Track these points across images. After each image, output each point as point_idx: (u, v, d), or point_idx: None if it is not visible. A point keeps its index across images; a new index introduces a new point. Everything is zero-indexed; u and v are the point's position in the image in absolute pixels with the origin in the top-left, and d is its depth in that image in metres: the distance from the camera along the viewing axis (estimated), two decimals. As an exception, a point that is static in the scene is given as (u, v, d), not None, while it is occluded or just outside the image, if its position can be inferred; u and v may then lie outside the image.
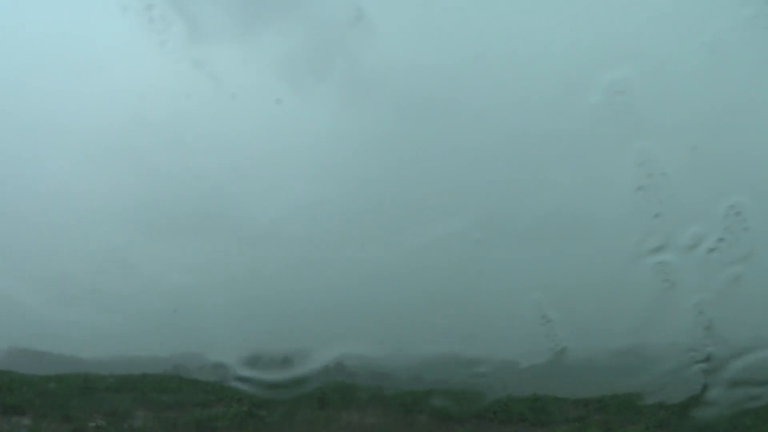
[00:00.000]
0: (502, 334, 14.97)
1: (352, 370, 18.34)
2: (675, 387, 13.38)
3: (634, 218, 12.62)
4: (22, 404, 14.25)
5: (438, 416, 15.00)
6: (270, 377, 16.72)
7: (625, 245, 13.35)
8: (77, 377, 16.46)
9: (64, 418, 13.72)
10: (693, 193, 12.59)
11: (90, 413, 14.25)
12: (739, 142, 14.25)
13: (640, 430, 13.78)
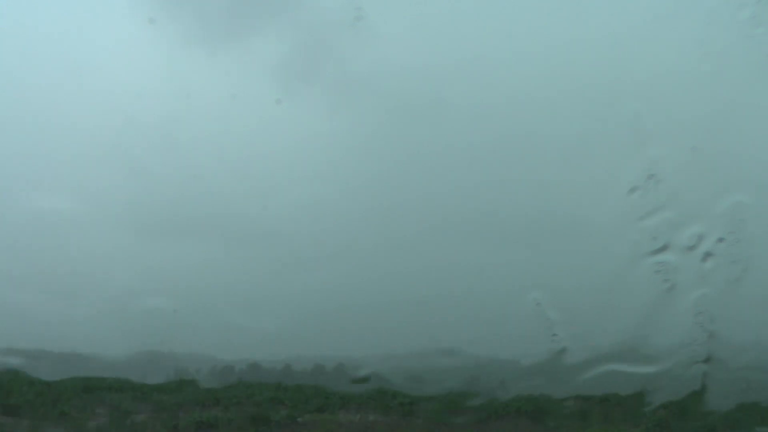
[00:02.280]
0: (502, 334, 14.98)
1: (352, 370, 18.33)
2: (675, 386, 13.40)
3: (634, 218, 12.63)
4: (22, 404, 14.24)
5: (438, 416, 15.00)
6: (270, 378, 16.72)
7: (625, 245, 13.36)
8: (77, 377, 16.43)
9: (64, 418, 13.71)
10: (693, 193, 12.60)
11: (90, 413, 14.24)
12: (738, 142, 14.26)
13: (640, 429, 13.80)
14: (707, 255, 11.97)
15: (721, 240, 11.73)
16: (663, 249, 12.19)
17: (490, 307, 15.96)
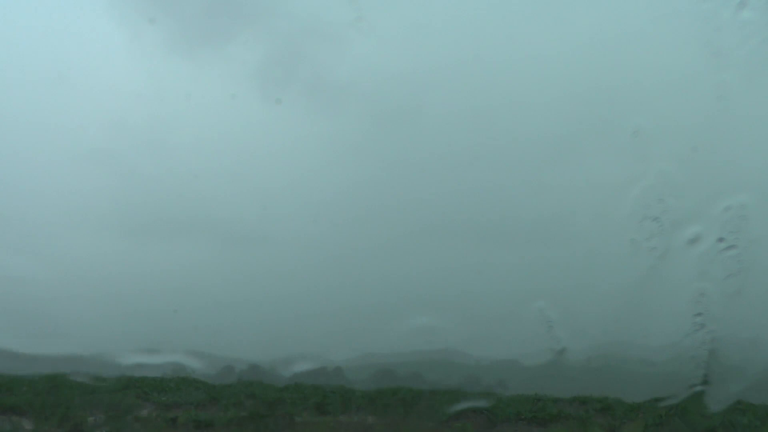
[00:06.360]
0: (502, 334, 15.00)
1: (352, 370, 18.33)
2: (674, 386, 13.40)
3: (633, 219, 12.66)
4: (21, 404, 14.21)
5: (438, 416, 14.98)
6: (269, 378, 16.70)
7: (624, 246, 13.38)
8: (77, 377, 16.40)
9: (64, 418, 13.69)
10: (693, 193, 12.61)
11: (90, 413, 14.22)
12: (738, 143, 14.30)
13: (640, 429, 13.81)
14: (707, 255, 11.97)
15: (721, 240, 11.73)
16: (663, 249, 12.20)
17: (491, 308, 15.99)
